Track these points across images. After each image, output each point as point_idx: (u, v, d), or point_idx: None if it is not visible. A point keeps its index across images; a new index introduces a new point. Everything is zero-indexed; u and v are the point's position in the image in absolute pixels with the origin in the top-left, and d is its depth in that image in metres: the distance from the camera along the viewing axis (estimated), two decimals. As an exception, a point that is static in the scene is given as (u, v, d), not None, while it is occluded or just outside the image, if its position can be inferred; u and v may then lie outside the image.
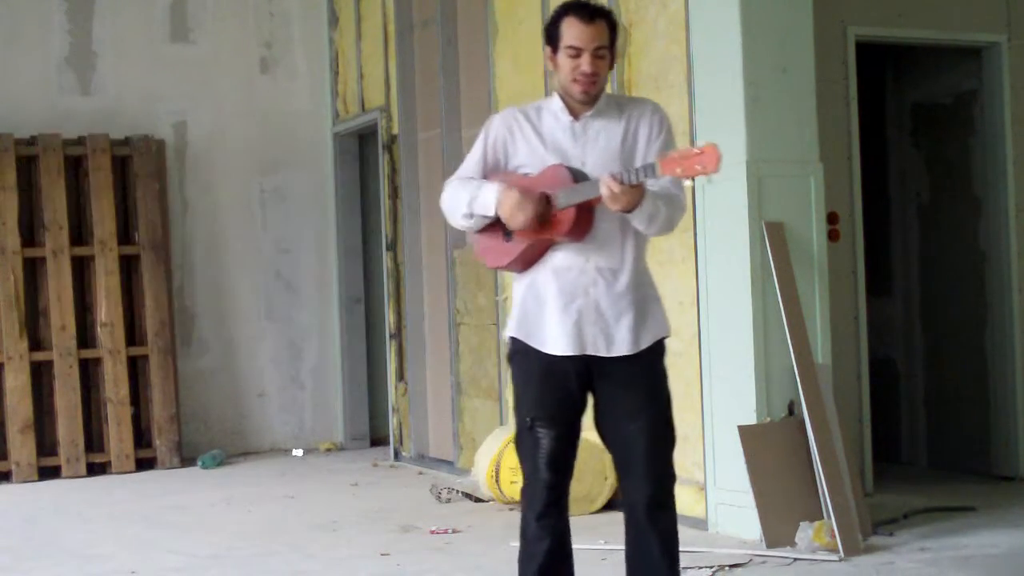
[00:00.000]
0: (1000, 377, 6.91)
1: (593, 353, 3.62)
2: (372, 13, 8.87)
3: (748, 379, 5.54)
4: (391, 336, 8.65)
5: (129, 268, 8.77)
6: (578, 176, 3.57)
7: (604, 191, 3.41)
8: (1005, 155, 6.87)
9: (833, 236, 6.34)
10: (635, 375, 3.66)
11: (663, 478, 3.69)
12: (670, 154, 3.38)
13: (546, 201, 3.58)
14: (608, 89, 3.80)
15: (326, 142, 9.56)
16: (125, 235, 8.75)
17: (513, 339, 3.74)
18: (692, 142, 5.80)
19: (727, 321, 5.65)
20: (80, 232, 8.66)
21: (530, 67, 7.01)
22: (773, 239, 5.55)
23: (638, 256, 3.69)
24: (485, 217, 3.68)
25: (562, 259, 3.64)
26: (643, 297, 3.68)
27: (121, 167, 8.81)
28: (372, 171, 9.38)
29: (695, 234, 5.78)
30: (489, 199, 3.63)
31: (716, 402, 5.70)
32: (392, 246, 8.64)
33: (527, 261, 3.69)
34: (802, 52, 5.71)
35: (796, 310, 5.57)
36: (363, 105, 9.07)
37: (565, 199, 3.55)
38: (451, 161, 7.82)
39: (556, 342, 3.63)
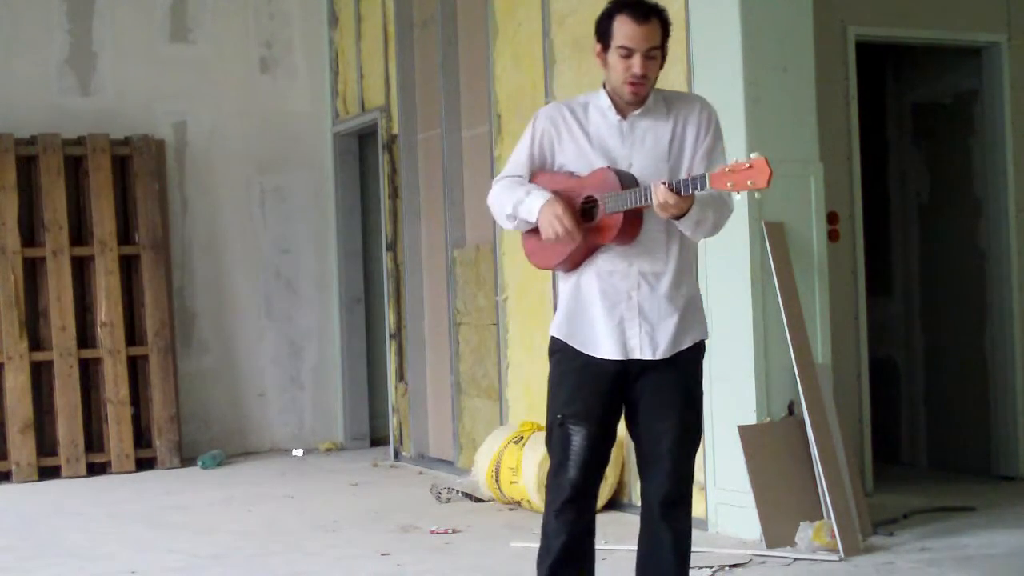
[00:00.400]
0: (1000, 377, 6.91)
1: (639, 357, 3.62)
2: (372, 13, 8.87)
3: (748, 379, 5.54)
4: (391, 336, 8.65)
5: (129, 268, 8.77)
6: (625, 180, 3.54)
7: (658, 199, 3.38)
8: (1005, 155, 6.87)
9: (833, 236, 6.33)
10: (671, 375, 3.65)
11: (682, 478, 3.69)
12: (720, 168, 3.34)
13: (593, 206, 3.57)
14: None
15: (326, 142, 9.56)
16: (125, 235, 8.75)
17: (554, 337, 3.73)
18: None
19: (727, 321, 5.64)
20: (80, 232, 8.66)
21: (530, 67, 7.01)
22: (773, 239, 5.54)
23: (682, 260, 3.67)
24: (527, 222, 3.67)
25: (605, 262, 3.64)
26: (687, 301, 3.68)
27: (121, 167, 8.81)
28: (372, 171, 9.37)
29: (695, 234, 5.77)
30: (534, 206, 3.61)
31: (716, 402, 5.69)
32: (392, 246, 8.64)
33: (574, 262, 3.68)
34: (802, 52, 5.71)
35: (796, 310, 5.57)
36: (363, 105, 9.07)
37: (614, 204, 3.52)
38: (451, 161, 7.82)
39: (600, 346, 3.63)
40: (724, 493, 5.66)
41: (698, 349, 3.72)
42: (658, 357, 3.62)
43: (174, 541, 6.14)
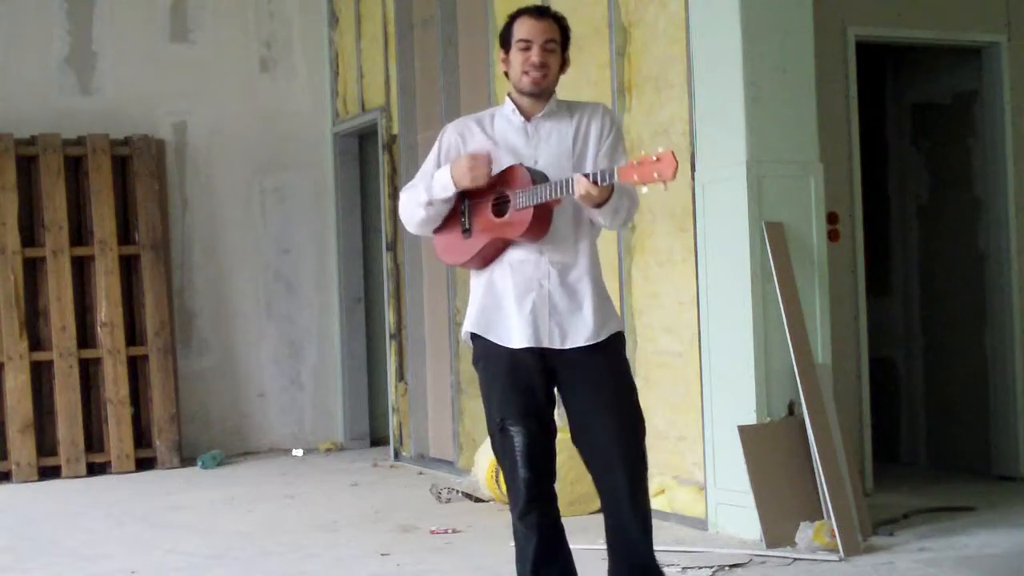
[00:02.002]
0: (1000, 377, 6.91)
1: (548, 346, 3.70)
2: (372, 13, 8.87)
3: (748, 379, 5.54)
4: (391, 336, 8.65)
5: (129, 268, 8.78)
6: (537, 178, 3.64)
7: (579, 191, 3.48)
8: (1005, 155, 6.87)
9: (833, 236, 6.34)
10: (597, 368, 3.72)
11: (636, 462, 3.72)
12: (629, 162, 3.43)
13: (505, 200, 3.67)
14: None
15: (326, 142, 9.56)
16: (125, 235, 8.76)
17: (475, 341, 3.81)
18: (692, 143, 5.80)
19: (727, 321, 5.64)
20: (80, 232, 8.67)
21: (530, 67, 7.00)
22: (773, 239, 5.54)
23: (591, 254, 3.79)
24: (445, 201, 3.75)
25: (518, 254, 3.73)
26: (597, 295, 3.76)
27: (121, 167, 8.81)
28: (372, 171, 9.38)
29: (695, 234, 5.77)
30: (444, 179, 3.74)
31: (716, 402, 5.70)
32: (392, 246, 8.64)
33: (485, 259, 3.78)
34: (802, 52, 5.71)
35: (796, 310, 5.57)
36: (363, 105, 9.07)
37: (525, 199, 3.62)
38: (451, 161, 7.82)
39: (513, 335, 3.71)
40: (724, 493, 5.66)
41: (618, 339, 3.79)
42: (571, 345, 3.69)
43: (174, 541, 6.14)
